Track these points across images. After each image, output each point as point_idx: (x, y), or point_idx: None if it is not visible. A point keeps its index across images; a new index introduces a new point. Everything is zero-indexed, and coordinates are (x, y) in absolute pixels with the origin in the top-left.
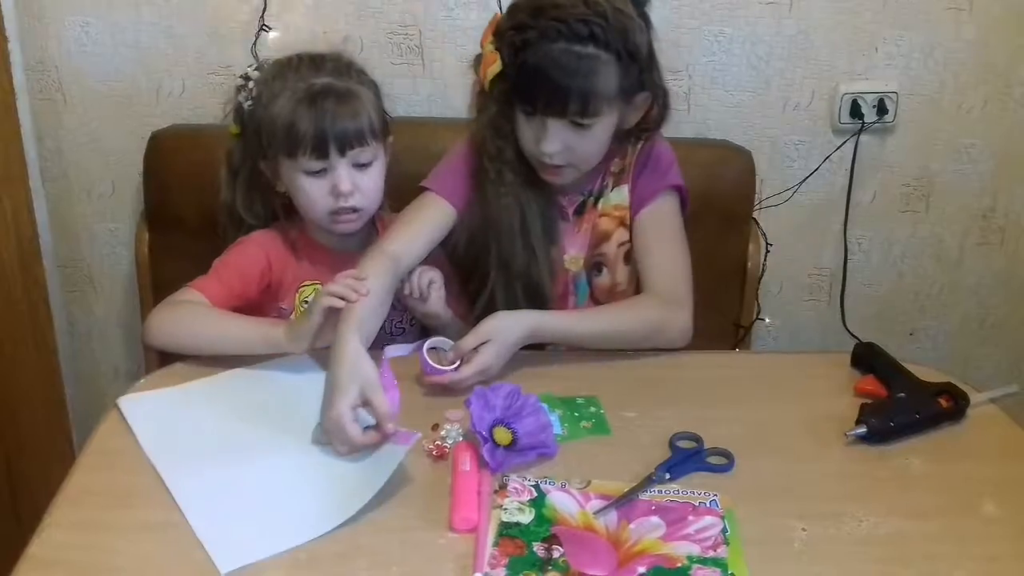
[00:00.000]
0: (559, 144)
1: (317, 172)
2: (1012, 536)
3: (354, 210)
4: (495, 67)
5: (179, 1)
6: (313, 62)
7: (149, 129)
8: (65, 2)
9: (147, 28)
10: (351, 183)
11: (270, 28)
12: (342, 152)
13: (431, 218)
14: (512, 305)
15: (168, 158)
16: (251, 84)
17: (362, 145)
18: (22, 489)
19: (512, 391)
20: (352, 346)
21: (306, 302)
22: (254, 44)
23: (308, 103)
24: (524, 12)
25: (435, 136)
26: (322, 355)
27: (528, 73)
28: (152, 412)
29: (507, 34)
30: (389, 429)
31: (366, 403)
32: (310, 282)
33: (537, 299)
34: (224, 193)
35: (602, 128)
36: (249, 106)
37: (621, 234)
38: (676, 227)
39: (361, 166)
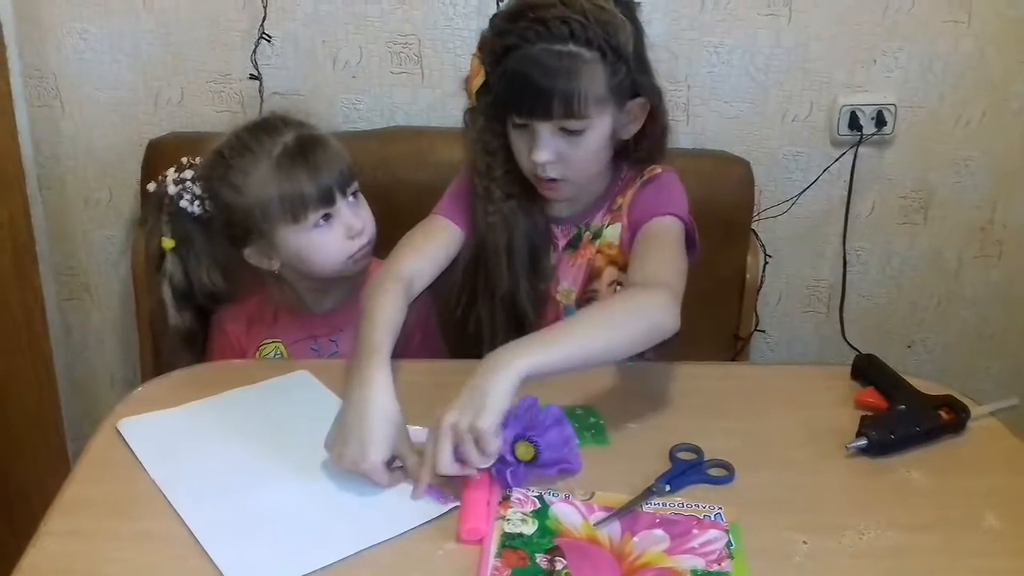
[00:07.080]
0: (551, 152)
1: (327, 223)
2: (1013, 549)
3: (368, 243)
4: (479, 78)
5: (178, 9)
6: (262, 128)
7: (147, 137)
8: (64, 9)
9: (145, 36)
10: (360, 219)
11: (270, 37)
12: (344, 193)
13: (440, 239)
14: (495, 331)
15: (165, 166)
16: (186, 187)
17: (354, 179)
18: (16, 498)
19: (531, 403)
20: (387, 396)
21: (266, 357)
22: (254, 52)
23: (291, 162)
24: (503, 18)
25: (434, 145)
26: (324, 375)
27: (510, 78)
28: (153, 434)
29: (488, 43)
30: (424, 479)
31: (396, 457)
32: (270, 340)
33: (519, 328)
34: (174, 319)
35: (594, 135)
36: (199, 207)
37: (611, 273)
38: (676, 243)
39: (354, 199)
